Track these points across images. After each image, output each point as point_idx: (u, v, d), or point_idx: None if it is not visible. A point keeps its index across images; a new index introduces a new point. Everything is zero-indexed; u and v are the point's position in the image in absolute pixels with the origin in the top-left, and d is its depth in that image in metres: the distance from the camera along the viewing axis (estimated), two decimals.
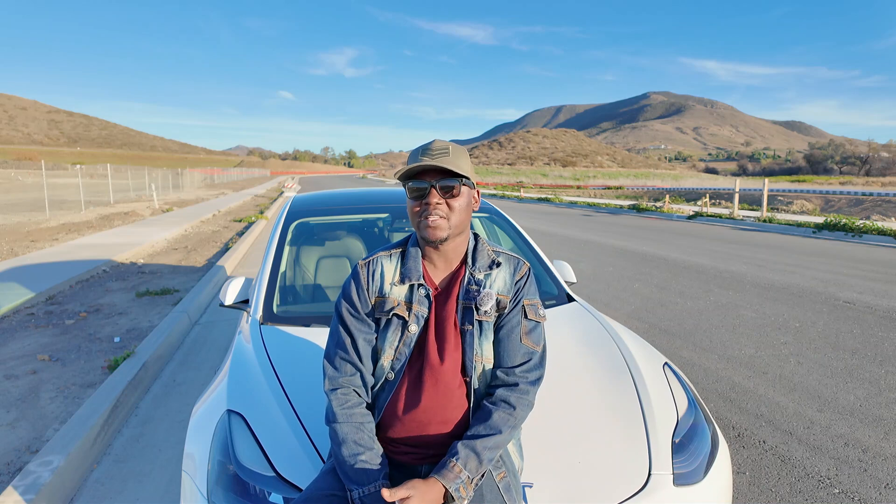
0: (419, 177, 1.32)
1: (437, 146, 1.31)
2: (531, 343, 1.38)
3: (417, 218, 1.32)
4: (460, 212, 1.32)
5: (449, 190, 1.30)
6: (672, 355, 4.19)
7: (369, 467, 1.24)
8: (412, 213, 1.34)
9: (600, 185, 39.03)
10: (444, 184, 1.30)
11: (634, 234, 12.32)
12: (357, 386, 1.35)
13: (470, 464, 1.22)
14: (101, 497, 2.44)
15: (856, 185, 48.30)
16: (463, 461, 1.22)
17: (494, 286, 1.38)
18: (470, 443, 1.25)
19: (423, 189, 1.30)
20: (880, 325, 4.93)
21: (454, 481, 1.19)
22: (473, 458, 1.23)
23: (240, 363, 1.98)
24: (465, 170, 1.30)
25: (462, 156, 1.32)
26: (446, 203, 1.30)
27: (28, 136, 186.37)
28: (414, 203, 1.32)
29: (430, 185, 1.30)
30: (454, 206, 1.31)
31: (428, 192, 1.30)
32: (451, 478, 1.19)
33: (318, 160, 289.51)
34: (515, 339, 1.37)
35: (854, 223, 11.86)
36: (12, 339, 4.47)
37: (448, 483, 1.18)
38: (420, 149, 1.32)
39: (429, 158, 1.28)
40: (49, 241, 10.05)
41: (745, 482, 2.53)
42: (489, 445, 1.25)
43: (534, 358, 1.38)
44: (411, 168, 1.29)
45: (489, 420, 1.29)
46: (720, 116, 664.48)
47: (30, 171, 49.01)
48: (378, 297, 1.37)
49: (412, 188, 1.32)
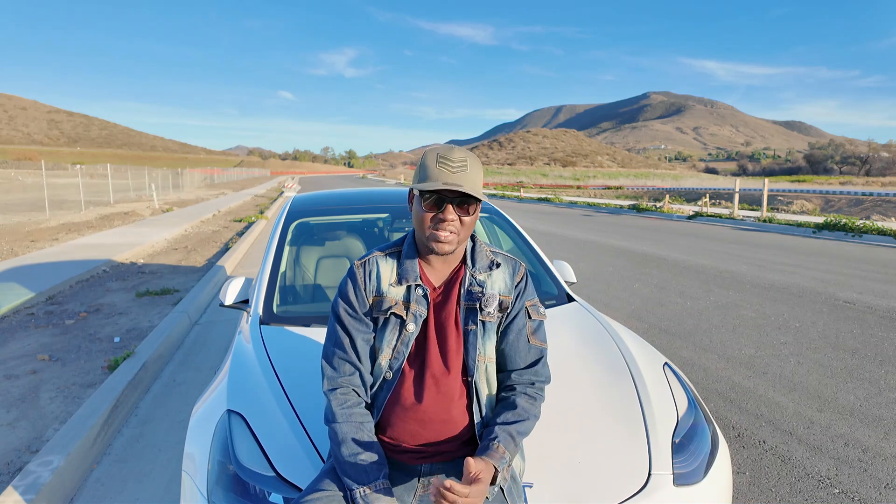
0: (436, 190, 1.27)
1: (456, 158, 1.27)
2: (539, 342, 1.43)
3: (428, 229, 1.30)
4: (469, 227, 1.33)
5: (465, 209, 1.30)
6: (672, 355, 4.19)
7: (369, 466, 1.24)
8: (421, 220, 1.31)
9: (600, 185, 39.04)
10: (462, 203, 1.29)
11: (634, 234, 12.32)
12: (356, 385, 1.35)
13: (509, 446, 1.26)
14: (102, 497, 2.44)
15: (856, 185, 48.31)
16: (505, 443, 1.25)
17: (496, 287, 1.40)
18: (505, 427, 1.29)
19: (441, 203, 1.28)
20: (880, 325, 4.93)
21: (500, 461, 1.21)
22: (510, 440, 1.27)
23: (240, 363, 1.98)
24: (480, 188, 1.29)
25: (479, 172, 1.30)
26: (460, 220, 1.30)
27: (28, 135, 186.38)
28: (426, 213, 1.29)
29: (447, 203, 1.28)
30: (466, 222, 1.31)
31: (444, 209, 1.28)
32: (497, 458, 1.22)
33: (318, 160, 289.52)
34: (524, 340, 1.41)
35: (854, 223, 11.86)
36: (12, 339, 4.47)
37: (496, 463, 1.20)
38: (438, 158, 1.27)
39: (448, 171, 1.25)
40: (49, 241, 10.05)
41: (745, 482, 2.53)
42: (521, 430, 1.31)
43: (543, 356, 1.43)
44: (433, 187, 1.23)
45: (516, 408, 1.33)
46: (720, 116, 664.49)
47: (30, 171, 49.02)
48: (375, 297, 1.37)
49: (427, 200, 1.29)
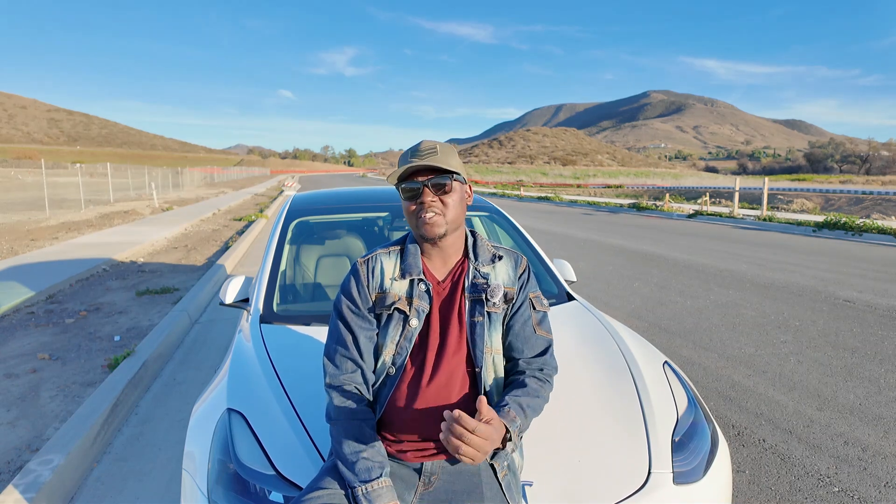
0: (411, 178, 1.34)
1: (425, 147, 1.34)
2: (544, 332, 1.46)
3: (414, 218, 1.35)
4: (454, 207, 1.35)
5: (441, 187, 1.33)
6: (672, 354, 4.19)
7: (371, 465, 1.24)
8: (408, 214, 1.36)
9: (600, 183, 39.03)
10: (436, 181, 1.33)
11: (634, 232, 12.32)
12: (358, 383, 1.36)
13: (520, 414, 1.26)
14: (102, 496, 2.44)
15: (856, 183, 48.30)
16: (515, 410, 1.26)
17: (499, 278, 1.43)
18: (514, 398, 1.30)
19: (416, 189, 1.33)
20: (880, 324, 4.93)
21: (512, 423, 1.22)
22: (520, 410, 1.27)
23: (240, 362, 1.98)
24: (454, 166, 1.33)
25: (450, 153, 1.35)
26: (440, 200, 1.33)
27: (28, 134, 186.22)
28: (409, 203, 1.35)
29: (422, 185, 1.33)
30: (448, 201, 1.34)
31: (421, 192, 1.33)
32: (509, 420, 1.22)
33: (318, 159, 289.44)
34: (530, 331, 1.43)
35: (854, 222, 11.87)
36: (12, 338, 4.47)
37: (508, 423, 1.21)
38: (409, 151, 1.35)
39: (418, 159, 1.31)
40: (49, 240, 10.05)
41: (744, 481, 2.53)
42: (531, 405, 1.31)
43: (550, 346, 1.45)
44: (402, 170, 1.32)
45: (526, 386, 1.35)
46: (720, 115, 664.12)
47: (30, 169, 48.98)
48: (378, 293, 1.39)
49: (406, 189, 1.35)
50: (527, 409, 1.29)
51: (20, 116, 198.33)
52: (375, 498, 1.20)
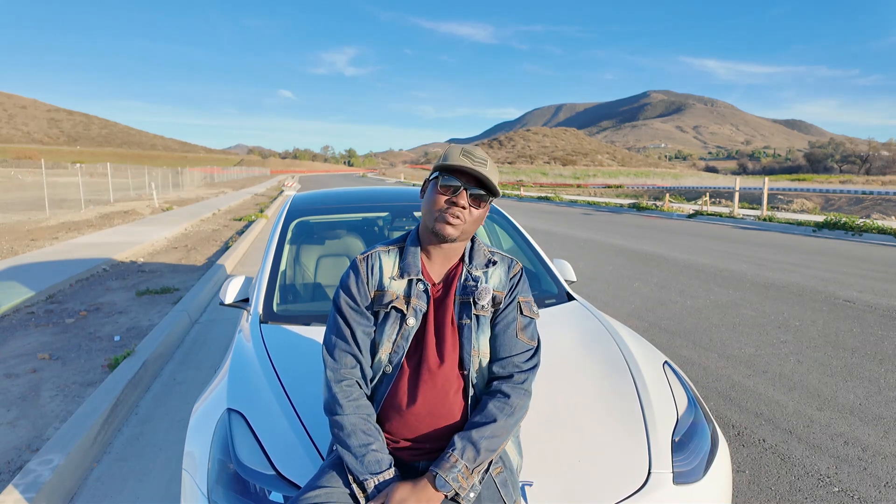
0: (454, 174, 1.33)
1: (479, 154, 1.33)
2: (526, 339, 1.42)
3: (437, 211, 1.33)
4: (475, 222, 1.36)
5: (478, 199, 1.34)
6: (672, 354, 4.19)
7: (381, 456, 1.26)
8: (431, 204, 1.34)
9: (600, 183, 39.01)
10: (476, 192, 1.33)
11: (634, 232, 12.32)
12: (358, 378, 1.37)
13: (467, 453, 1.24)
14: (102, 496, 2.45)
15: (856, 183, 48.30)
16: (460, 451, 1.24)
17: (490, 282, 1.42)
18: (466, 433, 1.28)
19: (457, 187, 1.32)
20: (880, 324, 4.93)
21: (450, 471, 1.21)
22: (470, 447, 1.25)
23: (240, 362, 1.99)
24: (495, 188, 1.34)
25: (496, 173, 1.36)
26: (470, 210, 1.33)
27: (28, 134, 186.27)
28: (440, 196, 1.33)
29: (463, 187, 1.32)
30: (475, 214, 1.35)
31: (459, 193, 1.32)
32: (447, 468, 1.21)
33: (318, 159, 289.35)
34: (511, 335, 1.40)
35: (854, 222, 11.86)
36: (13, 338, 4.47)
37: (445, 473, 1.20)
38: (462, 150, 1.34)
39: (470, 163, 1.30)
40: (49, 240, 10.05)
41: (744, 480, 2.53)
42: (486, 434, 1.27)
43: (532, 354, 1.42)
44: (453, 164, 1.30)
45: (485, 410, 1.32)
46: (720, 115, 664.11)
47: (30, 169, 48.96)
48: (377, 291, 1.39)
49: (445, 183, 1.33)
50: (479, 440, 1.25)
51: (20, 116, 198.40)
52: (388, 488, 1.21)
